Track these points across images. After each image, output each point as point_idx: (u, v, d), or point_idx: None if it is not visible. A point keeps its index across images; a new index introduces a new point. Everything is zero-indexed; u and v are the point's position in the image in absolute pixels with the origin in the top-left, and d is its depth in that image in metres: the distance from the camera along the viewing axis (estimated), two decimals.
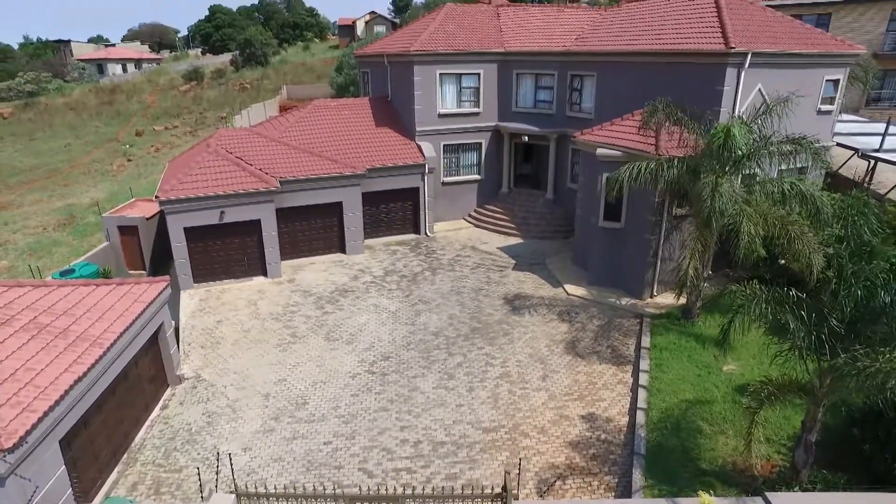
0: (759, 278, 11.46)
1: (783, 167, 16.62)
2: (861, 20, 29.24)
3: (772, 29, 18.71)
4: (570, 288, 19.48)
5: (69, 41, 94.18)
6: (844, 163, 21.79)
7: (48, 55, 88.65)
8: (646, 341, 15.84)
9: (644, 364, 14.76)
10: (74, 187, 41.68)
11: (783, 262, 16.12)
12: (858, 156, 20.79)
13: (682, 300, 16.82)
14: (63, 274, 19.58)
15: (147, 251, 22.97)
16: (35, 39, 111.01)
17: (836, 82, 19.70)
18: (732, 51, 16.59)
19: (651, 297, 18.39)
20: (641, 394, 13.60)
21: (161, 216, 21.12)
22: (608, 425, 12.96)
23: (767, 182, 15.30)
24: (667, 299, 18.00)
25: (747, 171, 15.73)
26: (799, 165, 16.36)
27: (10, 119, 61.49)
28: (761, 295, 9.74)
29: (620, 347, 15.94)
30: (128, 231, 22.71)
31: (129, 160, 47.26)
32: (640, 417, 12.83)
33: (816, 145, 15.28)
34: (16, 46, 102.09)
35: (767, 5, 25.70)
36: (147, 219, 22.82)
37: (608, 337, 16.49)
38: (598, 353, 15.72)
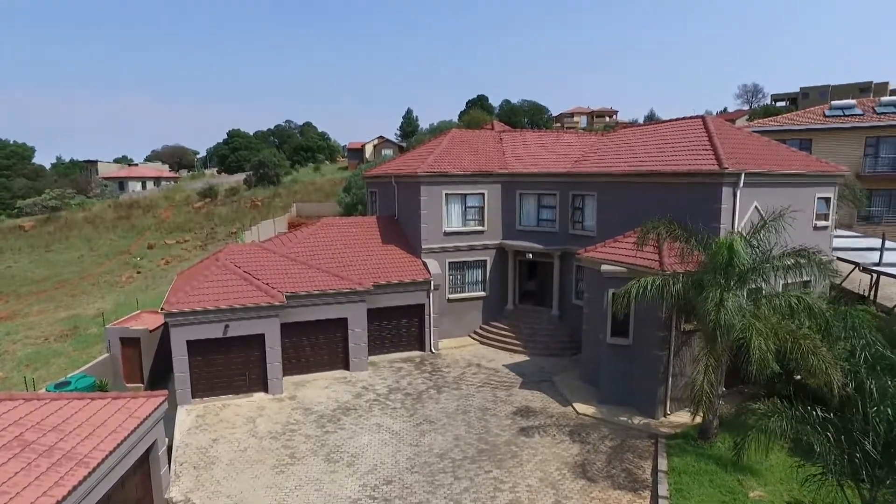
0: (777, 395, 11.02)
1: (788, 281, 16.70)
2: (840, 145, 31.07)
3: (760, 151, 19.82)
4: (580, 407, 18.77)
5: (96, 161, 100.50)
6: (846, 276, 21.96)
7: (76, 174, 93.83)
8: (662, 464, 14.90)
9: (663, 489, 13.76)
10: (82, 298, 42.01)
11: (799, 377, 15.65)
12: (860, 269, 21.00)
13: (698, 419, 16.11)
14: (58, 386, 19.12)
15: (147, 364, 22.57)
16: (68, 160, 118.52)
17: (827, 200, 20.46)
18: (726, 171, 17.39)
19: (665, 416, 17.64)
20: None
21: (165, 328, 21.00)
22: None
23: (774, 296, 15.29)
24: (681, 418, 17.24)
25: (752, 286, 15.78)
26: (804, 279, 16.45)
27: (31, 232, 63.68)
28: (782, 412, 9.29)
29: (636, 471, 14.98)
30: (130, 343, 22.48)
31: (138, 272, 48.08)
32: None
33: (820, 257, 15.49)
34: (48, 166, 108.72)
35: (753, 131, 27.46)
36: (151, 331, 22.70)
37: (622, 459, 15.57)
38: (613, 478, 14.74)
